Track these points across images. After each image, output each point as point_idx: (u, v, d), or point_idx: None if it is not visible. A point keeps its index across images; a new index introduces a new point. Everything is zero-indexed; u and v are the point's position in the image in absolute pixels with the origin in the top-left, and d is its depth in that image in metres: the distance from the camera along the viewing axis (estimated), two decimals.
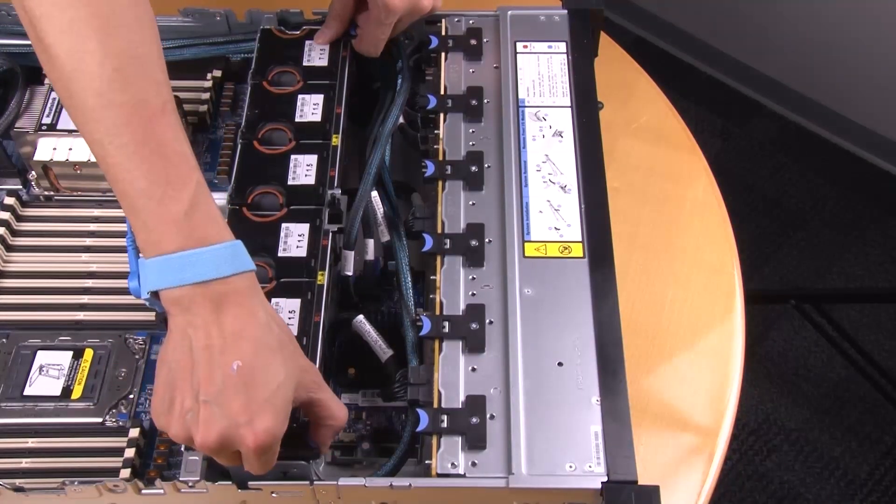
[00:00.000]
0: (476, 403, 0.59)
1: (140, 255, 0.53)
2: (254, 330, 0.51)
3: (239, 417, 0.50)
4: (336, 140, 0.71)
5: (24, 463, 0.63)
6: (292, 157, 0.70)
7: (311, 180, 0.69)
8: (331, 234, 0.66)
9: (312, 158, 0.70)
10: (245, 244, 0.65)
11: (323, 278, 0.64)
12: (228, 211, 0.67)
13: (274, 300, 0.62)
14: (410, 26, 0.78)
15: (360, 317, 0.66)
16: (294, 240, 0.66)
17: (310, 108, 0.73)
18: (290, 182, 0.68)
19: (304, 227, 0.66)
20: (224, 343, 0.50)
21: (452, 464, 0.57)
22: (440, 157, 0.71)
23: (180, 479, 0.56)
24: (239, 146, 0.71)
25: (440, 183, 0.70)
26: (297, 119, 0.72)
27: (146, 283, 0.52)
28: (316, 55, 0.77)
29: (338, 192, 0.68)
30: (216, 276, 0.51)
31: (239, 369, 0.50)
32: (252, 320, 0.52)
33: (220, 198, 0.74)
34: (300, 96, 0.74)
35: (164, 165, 0.51)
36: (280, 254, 0.65)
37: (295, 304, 0.62)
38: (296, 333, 0.61)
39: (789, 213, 1.72)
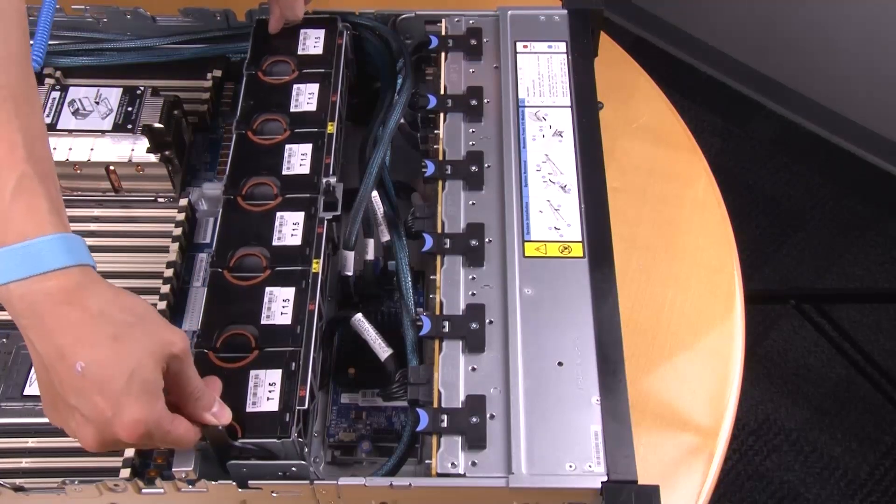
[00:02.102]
0: (476, 403, 0.59)
1: None
2: (83, 327, 0.49)
3: (104, 414, 0.49)
4: (331, 128, 0.71)
5: (24, 462, 0.63)
6: (287, 146, 0.70)
7: (305, 170, 0.69)
8: (326, 221, 0.66)
9: (307, 147, 0.70)
10: (239, 234, 0.65)
11: (318, 266, 0.63)
12: (223, 201, 0.67)
13: (268, 289, 0.62)
14: (407, 28, 0.78)
15: (359, 315, 0.66)
16: (289, 228, 0.65)
17: (305, 97, 0.73)
18: (284, 172, 0.68)
19: (299, 216, 0.66)
20: (58, 348, 0.49)
21: (452, 463, 0.57)
22: (440, 157, 0.71)
23: (173, 470, 0.56)
24: (234, 137, 0.71)
25: (440, 183, 0.70)
26: (293, 109, 0.72)
27: None
28: (311, 44, 0.76)
29: (333, 179, 0.68)
30: (36, 272, 0.48)
31: (84, 370, 0.48)
32: (80, 316, 0.49)
33: (216, 188, 0.74)
34: (295, 86, 0.74)
35: None
36: (274, 242, 0.65)
37: (289, 292, 0.62)
38: (289, 322, 0.61)
39: (789, 213, 1.72)
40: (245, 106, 0.72)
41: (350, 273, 0.68)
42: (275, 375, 0.59)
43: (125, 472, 0.60)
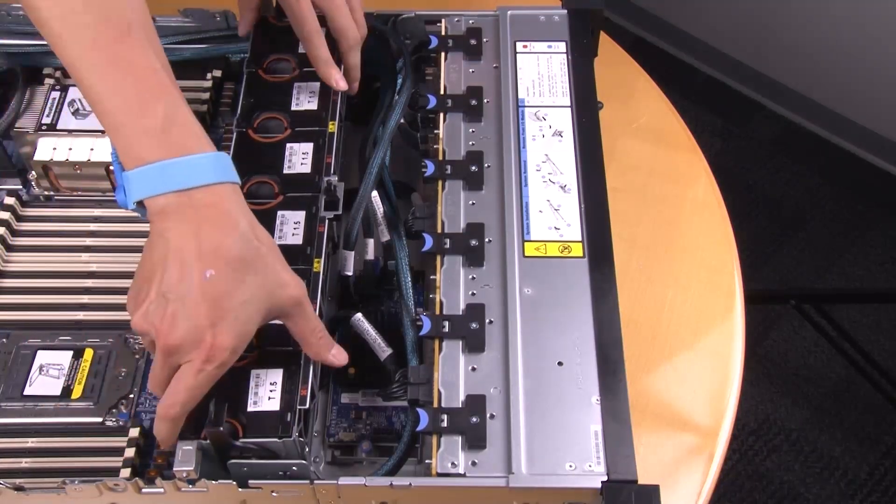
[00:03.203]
0: (476, 403, 0.59)
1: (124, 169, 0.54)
2: (232, 241, 0.52)
3: (203, 321, 0.51)
4: (333, 127, 0.71)
5: (25, 462, 0.63)
6: (288, 145, 0.70)
7: (306, 169, 0.68)
8: (327, 221, 0.66)
9: (308, 147, 0.69)
10: None
11: (319, 266, 0.63)
12: None
13: None
14: (407, 28, 0.78)
15: (358, 315, 0.66)
16: (290, 227, 0.65)
17: (306, 96, 0.72)
18: (285, 171, 0.68)
19: (300, 215, 0.66)
20: (199, 250, 0.52)
21: (452, 463, 0.57)
22: (440, 157, 0.71)
23: (174, 469, 0.56)
24: (234, 135, 0.70)
25: (440, 183, 0.70)
26: (294, 107, 0.72)
27: (131, 193, 0.53)
28: None
29: (334, 178, 0.68)
30: (195, 184, 0.52)
31: (211, 278, 0.51)
32: (232, 231, 0.53)
33: None
34: (296, 84, 0.73)
35: (134, 83, 0.53)
36: (276, 241, 0.64)
37: None
38: None
39: (789, 213, 1.72)
40: (246, 104, 0.72)
41: (350, 273, 0.68)
42: (276, 375, 0.59)
43: (125, 472, 0.60)
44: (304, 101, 0.72)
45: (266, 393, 0.58)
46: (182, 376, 0.53)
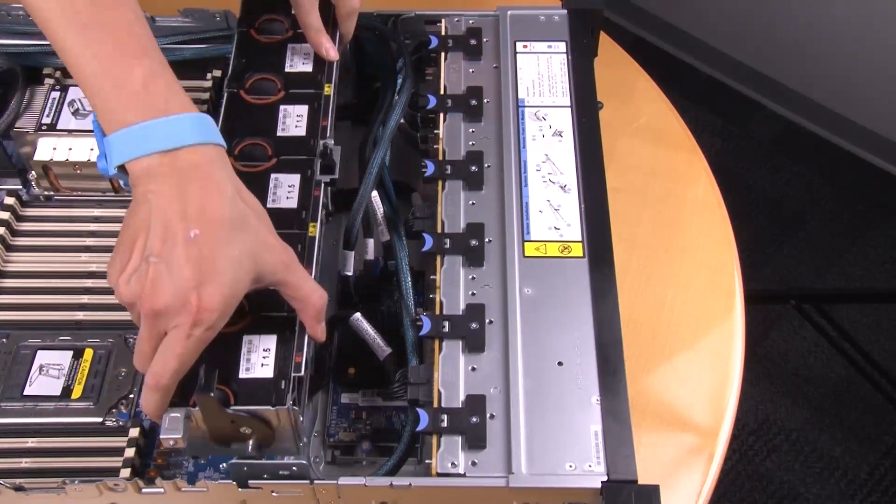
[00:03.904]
0: (476, 403, 0.59)
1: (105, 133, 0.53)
2: (217, 202, 0.51)
3: (188, 282, 0.49)
4: (329, 89, 0.69)
5: (25, 462, 0.63)
6: (281, 107, 0.68)
7: (301, 132, 0.66)
8: (323, 185, 0.64)
9: (303, 109, 0.68)
10: None
11: (315, 230, 0.62)
12: None
13: None
14: (407, 28, 0.78)
15: (357, 314, 0.66)
16: (284, 191, 0.63)
17: (300, 57, 0.71)
18: (279, 133, 0.66)
19: (295, 178, 0.64)
20: (184, 211, 0.50)
21: (452, 463, 0.57)
22: (440, 157, 0.71)
23: (161, 437, 0.54)
24: (225, 95, 0.69)
25: (440, 183, 0.70)
26: (287, 69, 0.70)
27: (112, 158, 0.52)
28: None
29: (330, 141, 0.67)
30: (179, 144, 0.51)
31: (196, 237, 0.50)
32: (217, 192, 0.52)
33: None
34: (290, 45, 0.72)
35: (113, 45, 0.52)
36: (269, 205, 0.63)
37: None
38: None
39: (789, 213, 1.72)
40: (237, 64, 0.70)
41: (350, 273, 0.68)
42: (269, 341, 0.57)
43: (125, 472, 0.60)
44: (299, 62, 0.71)
45: (259, 359, 0.56)
46: (170, 343, 0.51)
